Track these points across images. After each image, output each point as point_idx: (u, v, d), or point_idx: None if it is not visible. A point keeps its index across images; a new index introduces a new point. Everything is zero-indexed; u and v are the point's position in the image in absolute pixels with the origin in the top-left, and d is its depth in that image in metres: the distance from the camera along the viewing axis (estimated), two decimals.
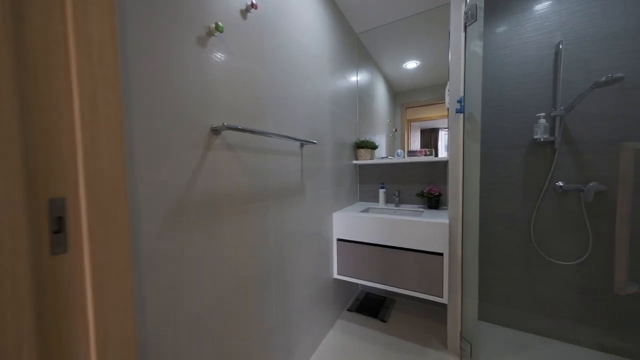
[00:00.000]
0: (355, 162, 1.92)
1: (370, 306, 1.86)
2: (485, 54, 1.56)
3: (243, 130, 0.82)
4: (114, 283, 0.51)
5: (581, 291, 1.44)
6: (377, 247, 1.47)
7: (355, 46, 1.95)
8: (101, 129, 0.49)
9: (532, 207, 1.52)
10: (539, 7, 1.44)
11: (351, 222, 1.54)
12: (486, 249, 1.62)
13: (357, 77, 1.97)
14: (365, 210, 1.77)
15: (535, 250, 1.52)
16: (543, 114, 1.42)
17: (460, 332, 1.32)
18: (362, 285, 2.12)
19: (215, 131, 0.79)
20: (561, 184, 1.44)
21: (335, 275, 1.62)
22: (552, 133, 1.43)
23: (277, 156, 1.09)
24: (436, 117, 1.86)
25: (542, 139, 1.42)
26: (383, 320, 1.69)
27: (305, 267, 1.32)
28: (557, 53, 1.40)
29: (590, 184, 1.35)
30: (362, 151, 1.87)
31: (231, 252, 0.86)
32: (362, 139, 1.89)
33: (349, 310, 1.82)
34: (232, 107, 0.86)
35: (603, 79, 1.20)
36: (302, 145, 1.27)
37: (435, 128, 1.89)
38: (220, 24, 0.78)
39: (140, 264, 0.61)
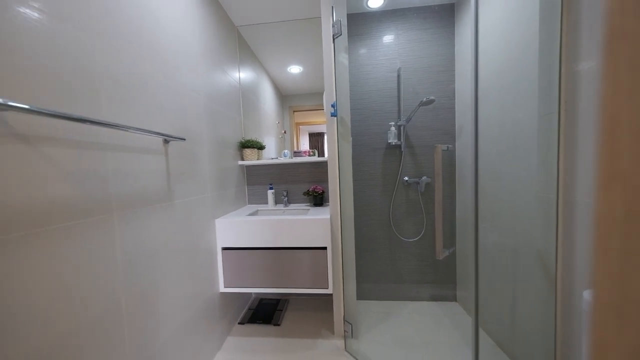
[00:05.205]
0: (241, 162, 1.79)
1: (265, 312, 1.78)
2: (353, 68, 1.82)
3: (44, 113, 0.55)
4: None
5: (419, 259, 1.91)
6: (266, 251, 1.41)
7: (236, 39, 1.82)
8: None
9: (390, 198, 1.89)
10: (386, 38, 1.81)
11: (237, 228, 1.41)
12: (361, 237, 1.89)
13: (239, 73, 1.85)
14: (254, 213, 1.68)
15: (393, 233, 1.90)
16: (393, 122, 1.79)
17: (344, 316, 1.45)
18: (255, 292, 2.01)
19: None
20: (406, 178, 1.86)
21: (222, 289, 1.44)
22: (399, 138, 1.82)
23: (123, 154, 0.83)
24: (321, 122, 2.00)
25: (393, 143, 1.79)
26: (277, 324, 1.65)
27: (179, 288, 1.09)
28: (399, 76, 1.81)
29: (423, 177, 1.82)
30: (247, 151, 1.77)
31: (41, 294, 0.56)
32: (248, 138, 1.79)
33: (240, 323, 1.67)
34: (34, 74, 0.57)
35: (424, 99, 1.63)
36: (166, 142, 1.04)
37: (322, 132, 2.04)
38: None
39: None
